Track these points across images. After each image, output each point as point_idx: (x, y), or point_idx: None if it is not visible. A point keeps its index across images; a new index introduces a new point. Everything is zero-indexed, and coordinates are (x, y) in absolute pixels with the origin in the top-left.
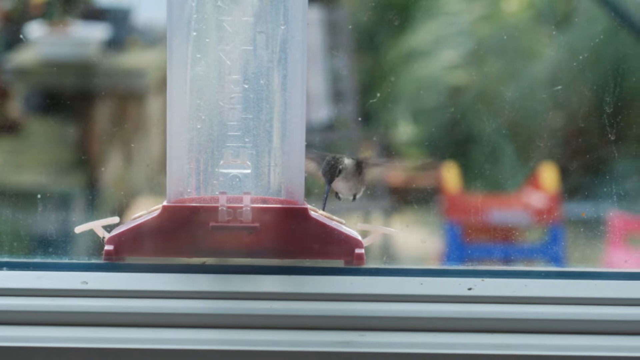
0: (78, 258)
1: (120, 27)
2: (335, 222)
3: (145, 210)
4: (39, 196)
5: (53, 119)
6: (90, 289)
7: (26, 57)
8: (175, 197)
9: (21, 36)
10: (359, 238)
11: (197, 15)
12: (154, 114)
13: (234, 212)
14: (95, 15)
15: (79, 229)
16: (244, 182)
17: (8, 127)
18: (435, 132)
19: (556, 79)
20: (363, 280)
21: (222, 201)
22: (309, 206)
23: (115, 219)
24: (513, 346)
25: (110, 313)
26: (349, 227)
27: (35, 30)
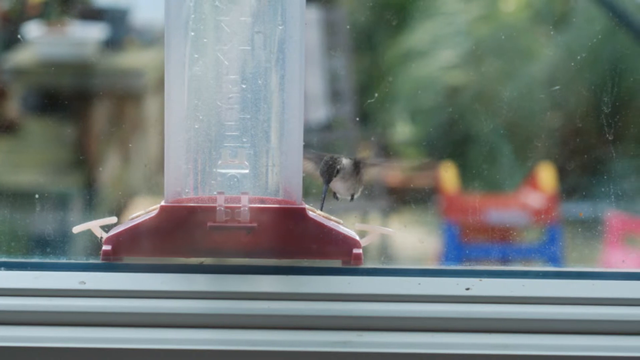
0: (76, 258)
1: (118, 27)
2: (333, 222)
3: (143, 210)
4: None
5: (51, 119)
6: (88, 289)
7: (24, 57)
8: (173, 197)
9: (19, 36)
10: (357, 238)
11: (195, 15)
12: (152, 114)
13: (232, 212)
14: (93, 15)
15: (76, 229)
16: (242, 182)
17: (6, 127)
18: (433, 132)
19: (554, 79)
20: (361, 280)
21: (220, 201)
22: (306, 206)
23: (113, 219)
24: (511, 346)
25: (108, 313)
26: (347, 227)
27: (32, 30)
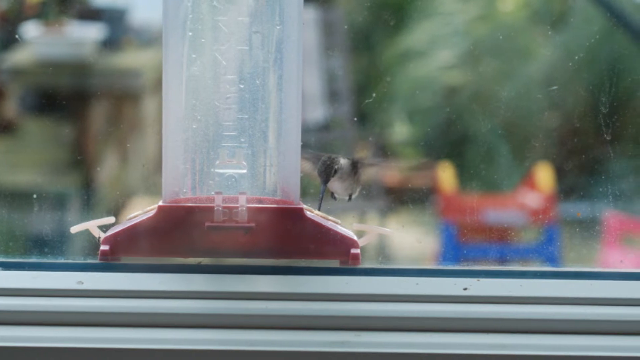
0: (74, 258)
1: (115, 27)
2: (331, 222)
3: (140, 210)
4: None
5: (49, 119)
6: (86, 289)
7: (22, 57)
8: (171, 197)
9: (17, 36)
10: (355, 238)
11: (193, 15)
12: (150, 114)
13: (230, 212)
14: (91, 15)
15: (74, 229)
16: (240, 182)
17: (4, 127)
18: (430, 132)
19: (552, 79)
20: (359, 280)
21: (218, 201)
22: (304, 206)
23: (111, 219)
24: (508, 346)
25: (106, 313)
26: (345, 227)
27: (30, 30)
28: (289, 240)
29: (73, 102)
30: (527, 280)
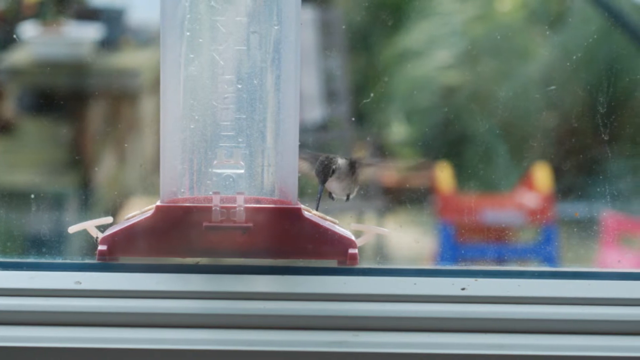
0: (71, 258)
1: (113, 27)
2: (329, 222)
3: (138, 210)
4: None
5: (46, 119)
6: (84, 289)
7: (19, 57)
8: (169, 197)
9: (14, 36)
10: (353, 238)
11: (191, 15)
12: (148, 114)
13: (228, 212)
14: (89, 15)
15: (72, 229)
16: (238, 182)
17: (1, 127)
18: (428, 132)
19: (550, 79)
20: (356, 280)
21: (216, 201)
22: (302, 206)
23: (109, 219)
24: (506, 346)
25: (104, 313)
26: (343, 227)
27: (28, 30)
28: (287, 240)
29: (71, 102)
30: (525, 280)
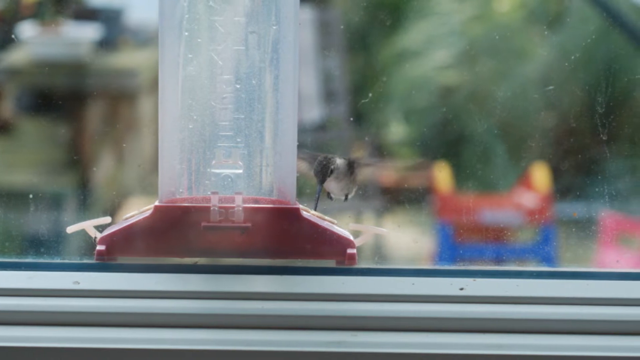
0: (70, 258)
1: (112, 27)
2: (327, 222)
3: (137, 210)
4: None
5: (45, 119)
6: (82, 289)
7: (18, 57)
8: (167, 197)
9: (13, 36)
10: (351, 238)
11: (189, 15)
12: (146, 114)
13: (226, 212)
14: (87, 15)
15: (70, 229)
16: (236, 182)
17: (0, 127)
18: (427, 132)
19: (548, 79)
20: (355, 280)
21: (214, 201)
22: (301, 206)
23: (107, 219)
24: (505, 346)
25: (102, 313)
26: (341, 227)
27: (27, 30)
28: (285, 240)
29: (69, 102)
30: (524, 280)
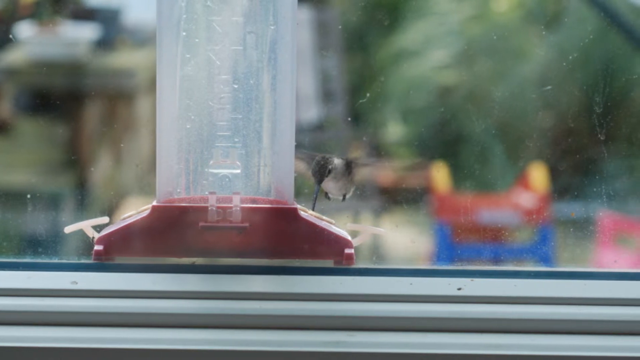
0: (68, 258)
1: (109, 27)
2: (325, 222)
3: (134, 210)
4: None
5: (43, 119)
6: (80, 289)
7: (16, 57)
8: (165, 197)
9: (11, 36)
10: (349, 238)
11: (187, 15)
12: (144, 114)
13: (224, 212)
14: (85, 15)
15: (68, 229)
16: (234, 182)
17: None
18: (425, 132)
19: (546, 79)
20: (353, 280)
21: (212, 201)
22: (298, 206)
23: (105, 219)
24: (503, 346)
25: (100, 313)
26: (339, 227)
27: (24, 30)
28: (283, 240)
29: (67, 102)
30: (521, 280)
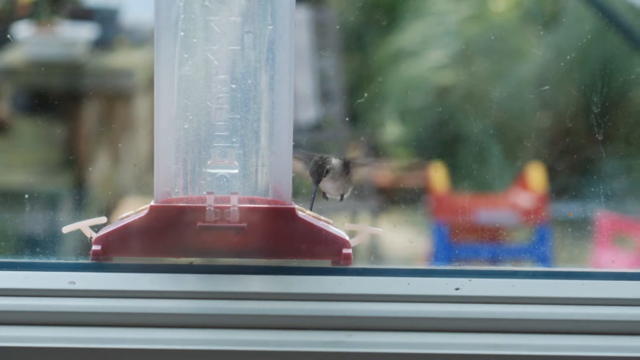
0: (65, 258)
1: (107, 27)
2: (323, 222)
3: (132, 210)
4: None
5: (41, 119)
6: (78, 289)
7: (14, 57)
8: (163, 197)
9: (9, 36)
10: (347, 238)
11: (185, 15)
12: (142, 114)
13: (222, 212)
14: (83, 15)
15: (66, 229)
16: (232, 182)
17: None
18: (422, 132)
19: (544, 79)
20: (350, 280)
21: (210, 201)
22: (296, 206)
23: (103, 219)
24: (501, 346)
25: (98, 313)
26: (337, 227)
27: (22, 30)
28: (281, 240)
29: (65, 102)
30: (519, 280)
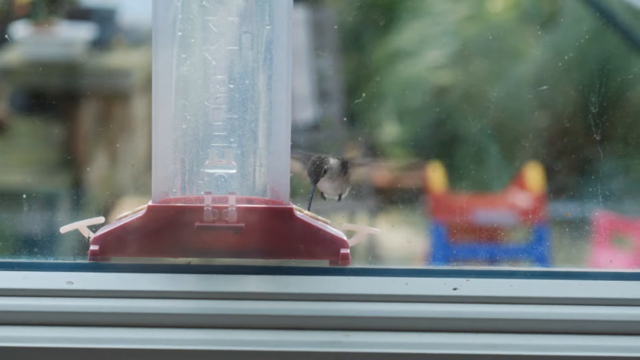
0: (63, 258)
1: (105, 27)
2: (321, 222)
3: (130, 211)
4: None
5: (39, 119)
6: (76, 289)
7: (11, 57)
8: (161, 197)
9: (6, 36)
10: (344, 238)
11: (183, 16)
12: (139, 114)
13: (220, 212)
14: (81, 15)
15: (64, 229)
16: (229, 182)
17: None
18: (420, 132)
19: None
20: (348, 280)
21: (208, 201)
22: (294, 206)
23: (101, 219)
24: (498, 346)
25: (96, 313)
26: (335, 227)
27: (20, 30)
28: (279, 240)
29: (63, 102)
30: (517, 280)
